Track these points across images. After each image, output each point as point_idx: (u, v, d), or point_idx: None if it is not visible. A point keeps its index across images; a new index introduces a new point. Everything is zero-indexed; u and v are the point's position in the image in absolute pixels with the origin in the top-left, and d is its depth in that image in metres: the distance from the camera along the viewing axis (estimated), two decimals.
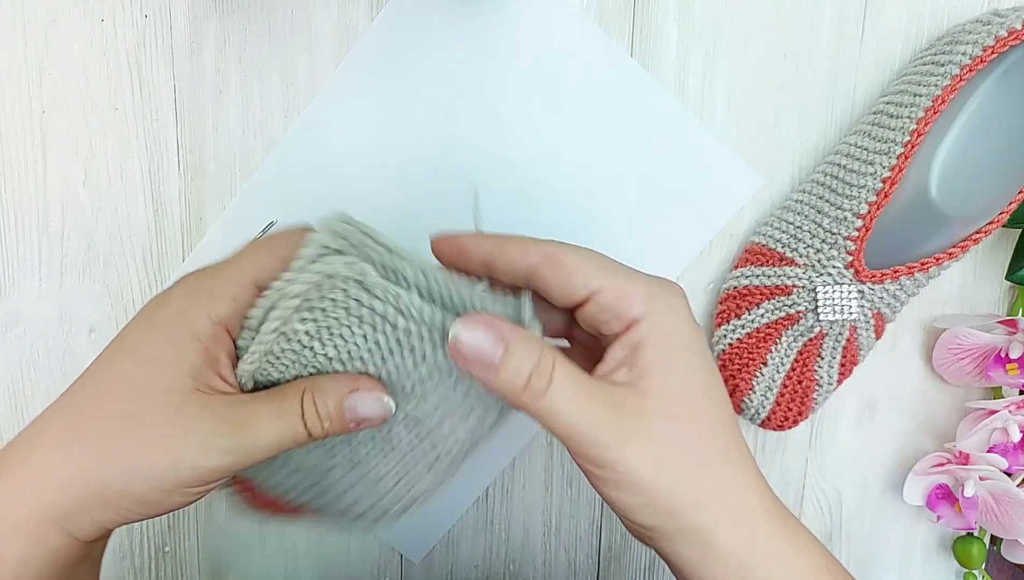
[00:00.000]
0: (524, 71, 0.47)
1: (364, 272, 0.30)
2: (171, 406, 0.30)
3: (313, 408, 0.31)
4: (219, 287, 0.31)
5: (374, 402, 0.32)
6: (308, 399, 0.31)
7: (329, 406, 0.31)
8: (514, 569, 0.54)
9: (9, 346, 0.49)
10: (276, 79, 0.47)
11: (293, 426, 0.31)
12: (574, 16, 0.46)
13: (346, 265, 0.30)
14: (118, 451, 0.30)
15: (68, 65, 0.46)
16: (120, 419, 0.30)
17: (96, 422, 0.30)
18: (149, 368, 0.30)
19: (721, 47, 0.47)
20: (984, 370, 0.48)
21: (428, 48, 0.46)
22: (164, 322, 0.31)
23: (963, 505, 0.48)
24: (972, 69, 0.41)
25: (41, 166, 0.47)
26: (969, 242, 0.44)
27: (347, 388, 0.32)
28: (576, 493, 0.53)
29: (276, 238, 0.33)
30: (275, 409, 0.31)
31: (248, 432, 0.30)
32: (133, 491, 0.30)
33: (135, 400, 0.30)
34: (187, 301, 0.31)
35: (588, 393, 0.30)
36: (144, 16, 0.46)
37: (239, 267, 0.32)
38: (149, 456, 0.29)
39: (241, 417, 0.30)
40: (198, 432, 0.30)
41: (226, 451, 0.30)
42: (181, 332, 0.30)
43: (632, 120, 0.48)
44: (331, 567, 0.54)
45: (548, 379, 0.29)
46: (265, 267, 0.32)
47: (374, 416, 0.32)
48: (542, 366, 0.29)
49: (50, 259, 0.48)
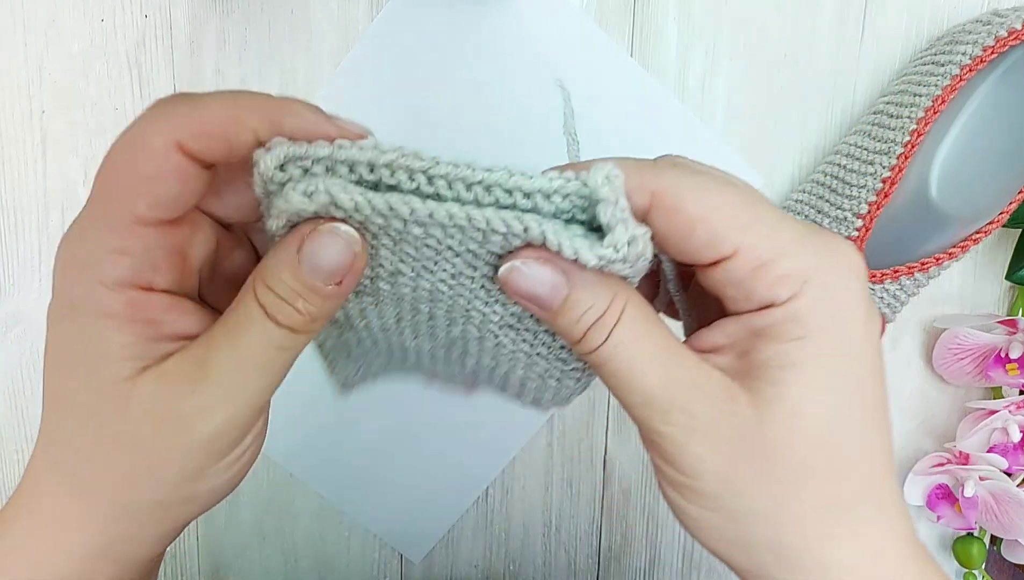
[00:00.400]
0: (524, 71, 0.47)
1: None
2: (123, 403, 0.24)
3: (267, 291, 0.24)
4: (94, 247, 0.24)
5: (331, 241, 0.23)
6: (259, 286, 0.24)
7: (285, 277, 0.24)
8: (514, 569, 0.54)
9: (9, 346, 0.49)
10: (276, 79, 0.47)
11: (260, 326, 0.24)
12: (574, 16, 0.46)
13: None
14: (116, 485, 0.25)
15: (68, 65, 0.46)
16: (88, 451, 0.25)
17: (72, 461, 0.26)
18: (78, 376, 0.25)
19: (721, 47, 0.47)
20: (984, 370, 0.48)
21: (428, 48, 0.46)
22: (62, 318, 0.25)
23: (963, 505, 0.48)
24: (972, 69, 0.41)
25: (41, 166, 0.47)
26: (969, 242, 0.44)
27: (294, 246, 0.23)
28: (576, 493, 0.53)
29: (126, 154, 0.24)
30: (231, 322, 0.24)
31: (217, 369, 0.24)
32: (151, 503, 0.26)
33: (88, 421, 0.25)
34: (69, 283, 0.24)
35: (658, 361, 0.24)
36: (144, 16, 0.46)
37: (106, 213, 0.24)
38: (138, 467, 0.25)
39: (202, 358, 0.24)
40: (163, 409, 0.24)
41: (208, 407, 0.24)
42: (85, 318, 0.24)
43: (632, 120, 0.48)
44: (331, 567, 0.54)
45: (607, 334, 0.24)
46: (135, 197, 0.23)
47: (341, 260, 0.23)
48: (606, 317, 0.24)
49: (50, 259, 0.48)
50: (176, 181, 0.23)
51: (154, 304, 0.24)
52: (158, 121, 0.24)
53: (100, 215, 0.24)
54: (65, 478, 0.26)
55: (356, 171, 0.24)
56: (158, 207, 0.24)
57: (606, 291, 0.24)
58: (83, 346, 0.24)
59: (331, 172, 0.24)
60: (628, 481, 0.53)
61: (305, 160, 0.24)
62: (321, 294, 0.24)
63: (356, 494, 0.53)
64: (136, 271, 0.24)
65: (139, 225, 0.23)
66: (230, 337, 0.24)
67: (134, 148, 0.24)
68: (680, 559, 0.54)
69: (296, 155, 0.23)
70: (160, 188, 0.23)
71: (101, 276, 0.24)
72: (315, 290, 0.24)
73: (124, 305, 0.24)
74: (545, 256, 0.24)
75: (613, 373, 0.24)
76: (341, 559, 0.54)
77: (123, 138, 0.24)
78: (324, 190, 0.23)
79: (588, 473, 0.53)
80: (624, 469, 0.53)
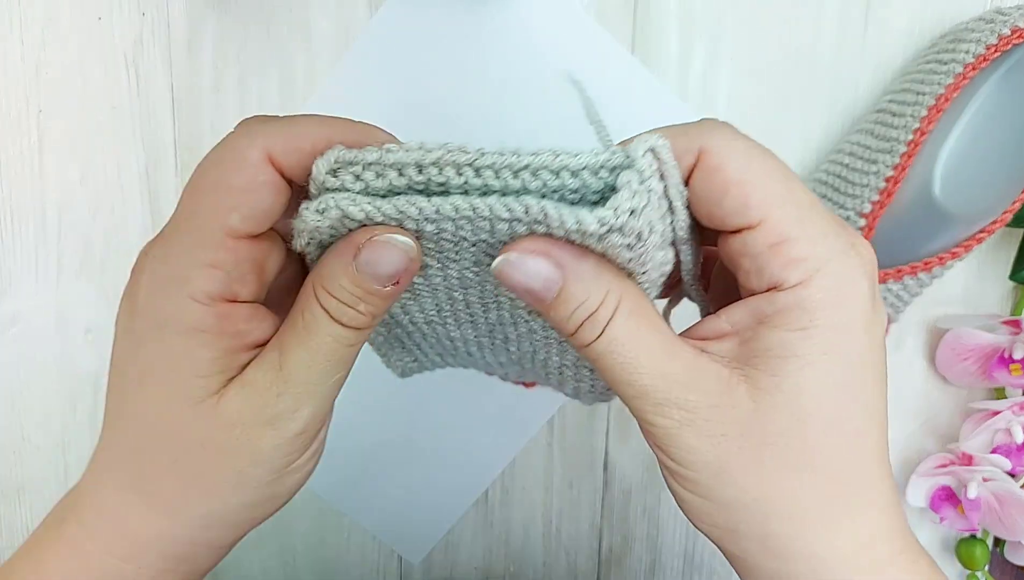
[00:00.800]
0: (524, 69, 0.47)
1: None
2: (212, 413, 0.25)
3: (328, 297, 0.25)
4: (186, 263, 0.25)
5: (387, 250, 0.24)
6: (320, 292, 0.25)
7: (344, 284, 0.25)
8: (514, 571, 0.54)
9: (6, 346, 0.49)
10: (274, 77, 0.47)
11: (328, 329, 0.25)
12: (575, 14, 0.46)
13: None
14: (203, 495, 0.26)
15: (65, 63, 0.46)
16: (170, 462, 0.26)
17: (151, 474, 0.26)
18: (165, 392, 0.26)
19: (722, 45, 0.47)
20: (988, 371, 0.48)
21: (427, 46, 0.46)
22: (149, 334, 0.25)
23: (966, 507, 0.47)
24: (975, 67, 0.41)
25: (38, 165, 0.47)
26: (973, 241, 0.43)
27: (349, 254, 0.25)
28: (576, 495, 0.53)
29: (217, 170, 0.25)
30: (301, 328, 0.26)
31: (296, 370, 0.25)
32: (237, 507, 0.27)
33: (173, 434, 0.26)
34: (159, 299, 0.25)
35: (651, 358, 0.24)
36: (141, 14, 0.46)
37: (199, 227, 0.25)
38: (227, 473, 0.26)
39: (280, 363, 0.26)
40: (253, 415, 0.25)
41: (295, 407, 0.26)
42: (176, 335, 0.25)
43: (633, 119, 0.47)
44: (330, 568, 0.54)
45: (599, 332, 0.24)
46: (227, 211, 0.24)
47: (398, 265, 0.25)
48: (599, 314, 0.24)
49: (47, 259, 0.48)
50: (268, 193, 0.25)
51: (239, 316, 0.25)
52: (252, 135, 0.25)
53: (191, 229, 0.25)
54: (142, 496, 0.26)
55: (406, 174, 0.25)
56: (249, 220, 0.25)
57: (600, 286, 0.24)
58: (171, 363, 0.25)
59: (381, 177, 0.25)
60: (628, 483, 0.53)
61: (356, 165, 0.25)
62: (380, 295, 0.25)
63: (355, 495, 0.53)
64: (226, 284, 0.25)
65: (230, 238, 0.24)
66: (301, 342, 0.25)
67: (228, 162, 0.25)
68: (681, 561, 0.54)
69: (347, 160, 0.25)
70: (253, 200, 0.24)
71: (192, 291, 0.24)
72: (374, 293, 0.25)
73: (215, 319, 0.25)
74: (541, 249, 0.24)
75: (608, 368, 0.25)
76: (340, 560, 0.53)
77: (215, 153, 0.25)
78: (335, 205, 0.24)
79: (588, 474, 0.52)
80: (624, 471, 0.52)
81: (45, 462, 0.51)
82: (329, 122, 0.26)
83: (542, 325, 0.29)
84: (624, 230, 0.23)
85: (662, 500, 0.53)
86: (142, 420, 0.26)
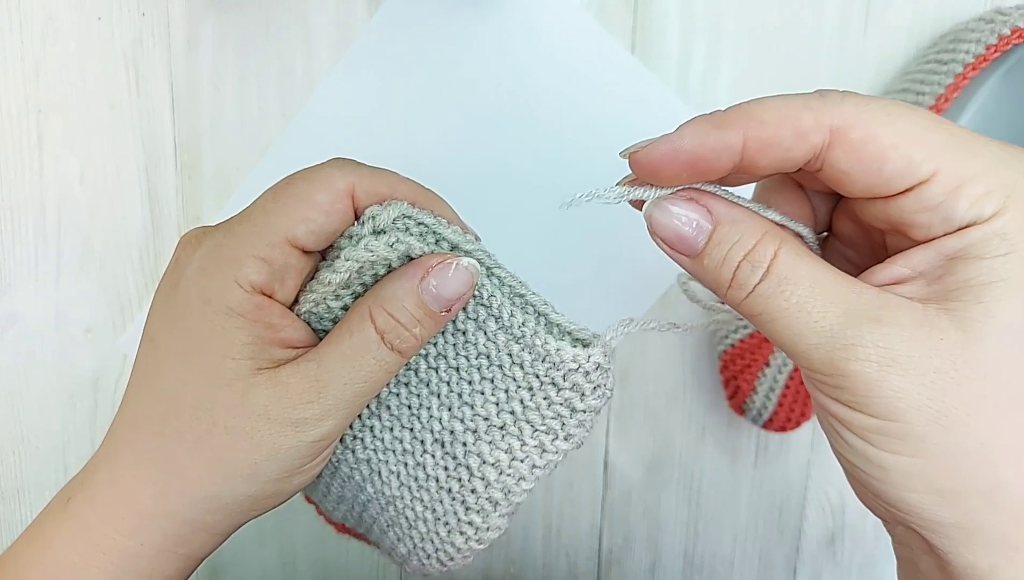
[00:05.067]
0: (523, 69, 0.46)
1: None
2: (239, 399, 0.26)
3: (388, 318, 0.26)
4: (242, 250, 0.26)
5: (456, 272, 0.27)
6: (378, 313, 0.27)
7: (407, 305, 0.26)
8: (514, 571, 0.54)
9: (5, 346, 0.49)
10: (273, 77, 0.46)
11: (375, 352, 0.27)
12: (574, 13, 0.46)
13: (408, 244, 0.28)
14: (216, 477, 0.27)
15: (65, 63, 0.46)
16: (192, 440, 0.27)
17: (170, 450, 0.27)
18: (197, 366, 0.26)
19: (723, 45, 0.47)
20: None
21: (427, 46, 0.46)
22: (191, 307, 0.27)
23: None
24: (975, 67, 0.41)
25: (37, 165, 0.47)
26: None
27: (417, 277, 0.27)
28: (577, 495, 0.53)
29: (306, 184, 0.27)
30: (347, 346, 0.27)
31: (333, 385, 0.26)
32: (243, 497, 0.27)
33: (199, 411, 0.26)
34: (207, 277, 0.27)
35: (830, 295, 0.22)
36: (141, 14, 0.46)
37: (266, 224, 0.26)
38: (243, 462, 0.26)
39: (316, 374, 0.27)
40: (281, 414, 0.26)
41: (322, 417, 0.27)
42: (215, 313, 0.26)
43: (633, 118, 0.47)
44: (330, 568, 0.54)
45: (763, 271, 0.22)
46: (299, 220, 0.26)
47: (463, 287, 0.27)
48: (757, 253, 0.22)
49: (46, 258, 0.48)
50: (338, 219, 0.27)
51: (274, 310, 0.27)
52: (344, 169, 0.27)
53: (257, 224, 0.27)
54: (155, 469, 0.27)
55: (441, 246, 0.28)
56: (312, 235, 0.27)
57: (754, 226, 0.23)
58: (207, 339, 0.26)
59: (422, 238, 0.28)
60: (629, 483, 0.52)
61: (412, 220, 0.28)
62: (436, 319, 0.27)
63: None
64: (269, 280, 0.27)
65: (288, 245, 0.27)
66: (346, 361, 0.27)
67: (317, 182, 0.27)
68: (681, 561, 0.54)
69: (408, 214, 0.27)
70: (324, 220, 0.27)
71: (239, 276, 0.26)
72: (432, 316, 0.27)
73: (254, 306, 0.26)
74: (691, 194, 0.24)
75: (778, 316, 0.22)
76: (340, 560, 0.53)
77: (307, 172, 0.27)
78: (405, 242, 0.27)
79: (588, 475, 0.52)
80: (625, 471, 0.52)
81: (45, 462, 0.51)
82: (407, 181, 0.29)
83: (435, 463, 0.30)
84: (589, 376, 0.27)
85: (662, 500, 0.53)
86: (170, 393, 0.27)
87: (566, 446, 0.29)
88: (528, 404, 0.28)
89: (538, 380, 0.28)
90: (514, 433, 0.29)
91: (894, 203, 0.23)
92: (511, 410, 0.29)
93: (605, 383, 0.28)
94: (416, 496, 0.31)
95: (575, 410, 0.28)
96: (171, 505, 0.27)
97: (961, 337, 0.21)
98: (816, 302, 0.22)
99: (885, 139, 0.22)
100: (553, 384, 0.28)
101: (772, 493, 0.53)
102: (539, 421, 0.29)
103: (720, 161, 0.23)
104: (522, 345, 0.28)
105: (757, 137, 0.22)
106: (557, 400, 0.28)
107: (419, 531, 0.31)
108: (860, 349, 0.21)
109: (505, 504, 0.30)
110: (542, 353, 0.28)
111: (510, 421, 0.29)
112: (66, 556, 0.27)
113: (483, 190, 0.47)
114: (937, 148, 0.22)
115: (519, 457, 0.29)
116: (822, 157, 0.23)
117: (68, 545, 0.27)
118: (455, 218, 0.29)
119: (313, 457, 0.28)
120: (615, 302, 0.49)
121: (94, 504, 0.28)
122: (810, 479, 0.53)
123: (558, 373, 0.28)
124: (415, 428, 0.30)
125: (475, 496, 0.30)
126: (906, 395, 0.21)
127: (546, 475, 0.30)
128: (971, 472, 0.21)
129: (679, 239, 0.23)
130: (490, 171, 0.48)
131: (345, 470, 0.32)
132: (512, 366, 0.28)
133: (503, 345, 0.28)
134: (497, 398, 0.29)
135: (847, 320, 0.22)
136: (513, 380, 0.28)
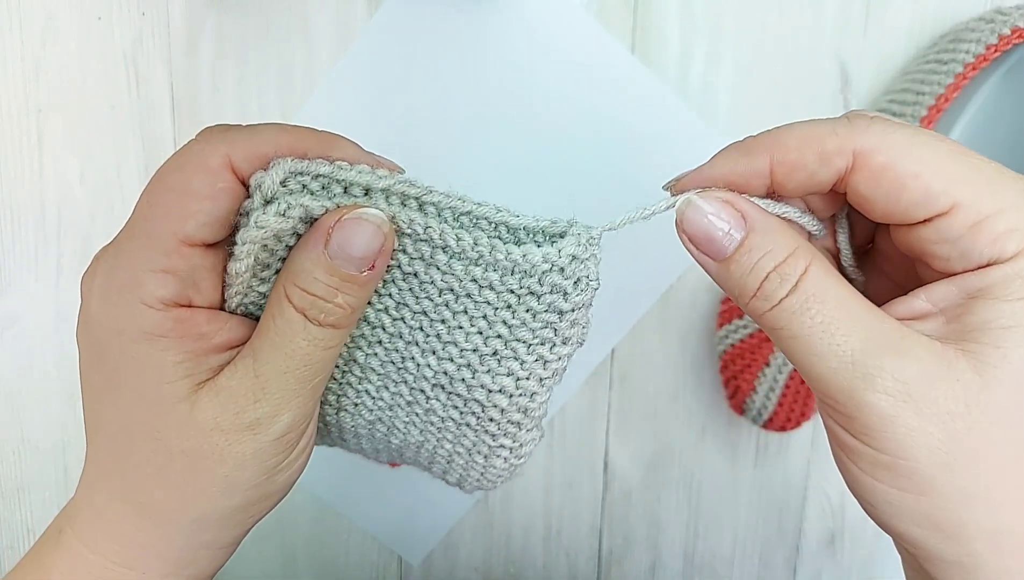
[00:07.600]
0: (523, 69, 0.46)
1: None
2: (186, 420, 0.24)
3: (304, 295, 0.24)
4: (137, 268, 0.24)
5: (358, 226, 0.24)
6: (292, 291, 0.24)
7: (319, 276, 0.24)
8: (514, 572, 0.54)
9: (5, 347, 0.49)
10: (273, 77, 0.46)
11: (303, 333, 0.24)
12: (574, 13, 0.46)
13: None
14: (190, 502, 0.25)
15: (65, 63, 0.46)
16: (156, 472, 0.25)
17: (139, 486, 0.26)
18: (135, 400, 0.25)
19: (723, 45, 0.47)
20: None
21: (426, 46, 0.46)
22: (108, 343, 0.25)
23: None
24: (975, 67, 0.41)
25: (37, 165, 0.47)
26: None
27: (320, 242, 0.24)
28: (577, 496, 0.53)
29: (177, 174, 0.24)
30: (274, 333, 0.25)
31: (273, 378, 0.25)
32: (229, 510, 0.26)
33: (151, 442, 0.25)
34: (111, 307, 0.25)
35: (855, 319, 0.22)
36: (141, 14, 0.45)
37: (152, 232, 0.24)
38: (213, 478, 0.25)
39: (255, 370, 0.25)
40: (231, 421, 0.25)
41: (274, 413, 0.25)
42: (133, 342, 0.24)
43: (633, 118, 0.47)
44: (330, 569, 0.53)
45: (791, 286, 0.22)
46: (184, 217, 0.24)
47: (373, 240, 0.24)
48: (787, 266, 0.22)
49: (46, 259, 0.48)
50: (227, 200, 0.24)
51: (198, 319, 0.25)
52: (213, 142, 0.24)
53: (144, 235, 0.24)
54: (134, 505, 0.26)
55: (352, 193, 0.25)
56: (205, 227, 0.24)
57: (787, 240, 0.22)
58: (135, 369, 0.24)
59: (326, 190, 0.25)
60: (628, 483, 0.52)
61: (306, 175, 0.24)
62: (358, 282, 0.24)
63: (355, 496, 0.52)
64: (180, 290, 0.24)
65: (185, 246, 0.24)
66: (276, 348, 0.25)
67: (188, 166, 0.24)
68: (681, 562, 0.54)
69: (298, 169, 0.24)
70: (211, 206, 0.24)
71: (144, 296, 0.24)
72: (351, 280, 0.24)
73: (173, 323, 0.24)
74: (726, 195, 0.23)
75: (799, 333, 0.22)
76: (340, 561, 0.53)
77: (175, 158, 0.24)
78: (297, 204, 0.24)
79: (588, 475, 0.52)
80: (625, 471, 0.52)
81: (45, 462, 0.51)
82: (291, 130, 0.25)
83: (443, 404, 0.29)
84: (565, 272, 0.25)
85: (662, 500, 0.53)
86: (119, 430, 0.26)
87: (566, 350, 0.27)
88: (513, 322, 0.26)
89: (514, 295, 0.26)
90: (509, 355, 0.27)
91: (914, 232, 0.22)
92: (498, 334, 0.27)
93: (587, 274, 0.26)
94: (441, 438, 0.30)
95: (563, 312, 0.26)
96: (158, 534, 0.26)
97: (977, 381, 0.21)
98: (841, 325, 0.22)
99: (906, 167, 0.22)
100: (531, 293, 0.26)
101: (772, 493, 0.53)
102: (530, 336, 0.26)
103: (751, 186, 0.23)
104: (483, 265, 0.26)
105: (783, 161, 0.23)
106: (540, 309, 0.26)
107: (458, 463, 0.30)
108: (879, 380, 0.21)
109: (528, 421, 0.28)
110: (508, 265, 0.25)
111: (500, 346, 0.27)
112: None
113: (483, 190, 0.47)
114: (958, 180, 0.21)
115: (523, 376, 0.27)
116: (845, 181, 0.23)
117: (66, 578, 0.27)
118: (361, 155, 0.26)
119: (285, 454, 0.26)
120: (615, 302, 0.49)
121: (84, 539, 0.27)
122: (810, 479, 0.52)
123: (532, 280, 0.25)
124: (408, 381, 0.29)
125: (495, 424, 0.28)
126: (919, 434, 0.21)
127: (558, 381, 0.28)
128: (975, 514, 0.21)
129: (709, 241, 0.23)
130: (490, 171, 0.47)
131: (364, 430, 0.31)
132: (482, 290, 0.26)
133: (463, 273, 0.26)
134: (479, 327, 0.27)
135: (870, 348, 0.21)
136: (488, 304, 0.26)
